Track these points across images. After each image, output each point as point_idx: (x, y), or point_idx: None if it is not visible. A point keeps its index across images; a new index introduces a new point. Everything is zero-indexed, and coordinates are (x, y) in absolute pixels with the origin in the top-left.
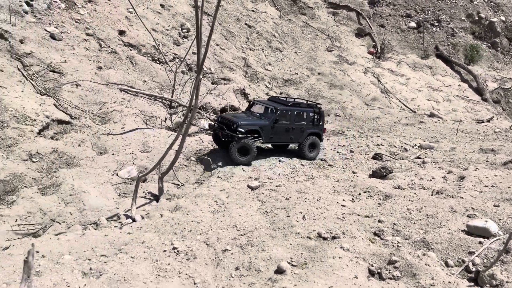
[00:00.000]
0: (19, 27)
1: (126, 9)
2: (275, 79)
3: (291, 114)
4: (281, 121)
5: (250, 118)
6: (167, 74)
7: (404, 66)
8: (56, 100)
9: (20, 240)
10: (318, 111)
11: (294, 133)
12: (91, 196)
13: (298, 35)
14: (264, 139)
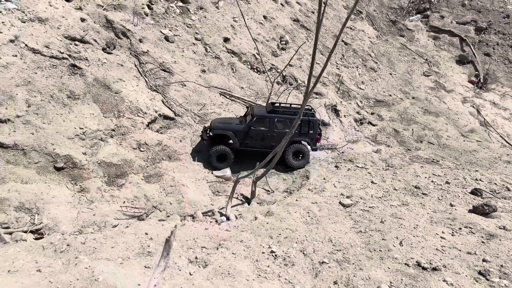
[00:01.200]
0: (139, 28)
1: (232, 18)
2: (367, 98)
3: (270, 121)
4: (257, 127)
5: (229, 124)
6: (266, 83)
7: (508, 99)
8: (164, 97)
9: (127, 220)
10: (307, 119)
11: (274, 140)
12: (189, 189)
13: (394, 56)
14: (235, 144)
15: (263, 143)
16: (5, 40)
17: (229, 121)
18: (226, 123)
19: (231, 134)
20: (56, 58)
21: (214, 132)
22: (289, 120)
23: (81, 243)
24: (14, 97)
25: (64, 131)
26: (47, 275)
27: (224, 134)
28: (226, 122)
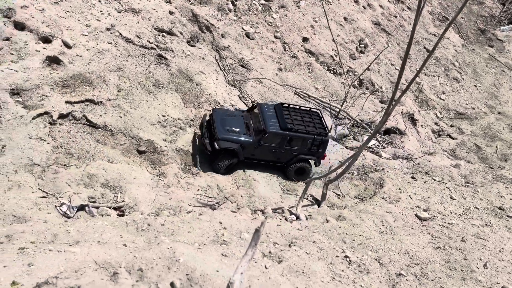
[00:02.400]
0: (222, 23)
1: (312, 18)
2: (447, 109)
3: (282, 138)
4: (268, 143)
5: (234, 130)
6: (343, 86)
7: None
8: (240, 92)
9: (200, 208)
10: (320, 139)
11: (282, 155)
12: (260, 185)
13: (480, 67)
14: (240, 156)
15: (269, 157)
16: (102, 28)
17: (232, 122)
18: (231, 129)
19: (238, 148)
20: (145, 47)
21: (220, 146)
22: (303, 139)
23: (161, 224)
24: (107, 81)
25: (148, 117)
26: (132, 250)
27: (230, 148)
28: (230, 127)
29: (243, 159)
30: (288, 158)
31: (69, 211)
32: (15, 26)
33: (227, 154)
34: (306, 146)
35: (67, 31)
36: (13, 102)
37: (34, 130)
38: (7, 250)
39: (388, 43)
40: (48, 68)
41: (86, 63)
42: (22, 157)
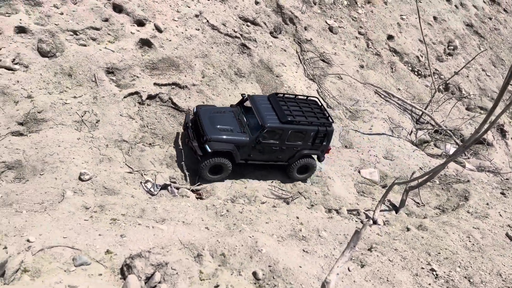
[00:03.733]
0: (306, 16)
1: (399, 15)
2: None
3: (283, 132)
4: (267, 140)
5: (227, 129)
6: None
7: None
8: (319, 87)
9: (273, 200)
10: (325, 130)
11: (283, 152)
12: (336, 184)
13: None
14: (236, 158)
15: (269, 157)
16: (191, 15)
17: (222, 120)
18: (222, 127)
19: (233, 149)
20: (230, 36)
21: (213, 148)
22: (305, 131)
23: (239, 212)
24: (192, 67)
25: (228, 105)
26: (214, 234)
27: (224, 151)
28: (221, 125)
29: (239, 162)
30: (290, 155)
31: (153, 188)
32: (114, 8)
33: (220, 157)
34: (309, 140)
35: (159, 16)
36: (108, 80)
37: (124, 108)
38: (101, 219)
39: (481, 47)
40: (140, 50)
41: (175, 48)
42: (113, 133)
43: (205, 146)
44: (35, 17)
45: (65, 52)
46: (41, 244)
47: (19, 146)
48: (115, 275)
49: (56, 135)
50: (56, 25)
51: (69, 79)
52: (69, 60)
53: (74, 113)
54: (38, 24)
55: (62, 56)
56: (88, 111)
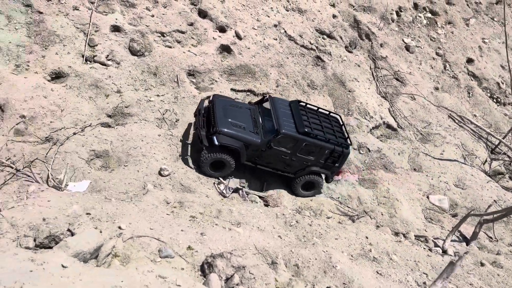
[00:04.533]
0: (383, 32)
1: (481, 38)
2: None
3: (297, 143)
4: (279, 147)
5: (239, 125)
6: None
7: None
8: (391, 105)
9: (339, 217)
10: (340, 151)
11: (292, 164)
12: (403, 207)
13: None
14: (242, 158)
15: (276, 165)
16: (270, 24)
17: (237, 115)
18: (235, 122)
19: (242, 148)
20: (305, 47)
21: (220, 142)
22: (320, 148)
23: (308, 224)
24: (268, 75)
25: None
26: (287, 243)
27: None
28: (234, 120)
29: (244, 163)
30: (298, 168)
31: (226, 191)
32: (199, 14)
33: (225, 150)
34: (322, 157)
35: (240, 23)
36: (188, 82)
37: None
38: (181, 215)
39: None
40: (220, 55)
41: (252, 56)
42: (192, 132)
43: (212, 138)
44: (129, 18)
45: (152, 52)
46: (131, 233)
47: (107, 137)
48: (196, 271)
49: (140, 130)
50: (147, 26)
51: (154, 78)
52: (155, 60)
53: (156, 111)
54: (131, 24)
55: (149, 56)
56: (169, 109)
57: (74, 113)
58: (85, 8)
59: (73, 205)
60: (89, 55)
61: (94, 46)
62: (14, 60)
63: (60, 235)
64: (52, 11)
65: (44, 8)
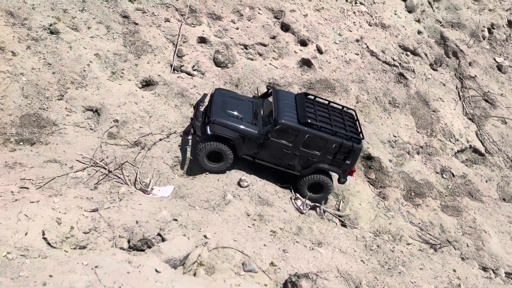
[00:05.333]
0: (472, 50)
1: None
2: None
3: (299, 135)
4: (278, 139)
5: (236, 115)
6: None
7: None
8: (478, 129)
9: (420, 244)
10: (350, 145)
11: (295, 159)
12: (492, 240)
13: None
14: (240, 152)
15: (278, 160)
16: (352, 39)
17: (236, 106)
18: (232, 113)
19: (237, 139)
20: (388, 64)
21: (213, 131)
22: (326, 141)
23: (390, 250)
24: (348, 91)
25: (380, 134)
26: (370, 269)
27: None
28: (232, 111)
29: (244, 157)
30: (303, 165)
31: (303, 207)
32: (282, 27)
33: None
34: (329, 152)
35: (321, 37)
36: None
37: None
38: (262, 229)
39: None
40: (300, 69)
41: (333, 70)
42: None
43: (206, 127)
44: (215, 30)
45: (235, 64)
46: (216, 243)
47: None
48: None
49: None
50: (231, 39)
51: (236, 89)
52: (238, 72)
53: None
54: (216, 36)
55: (232, 67)
56: None
57: (161, 119)
58: (176, 20)
59: (162, 210)
60: (176, 65)
61: (181, 56)
62: (110, 68)
63: (152, 239)
64: (146, 23)
65: (140, 20)
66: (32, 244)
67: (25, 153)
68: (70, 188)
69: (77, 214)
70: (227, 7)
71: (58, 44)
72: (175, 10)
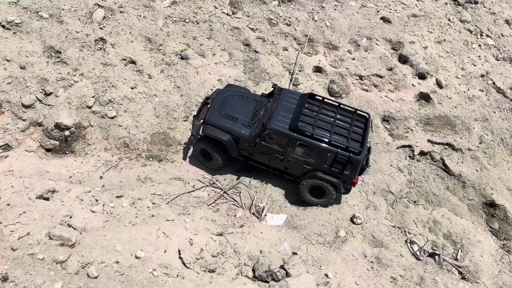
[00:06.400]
0: None
1: None
2: None
3: (289, 141)
4: (270, 144)
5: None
6: None
7: None
8: None
9: None
10: (346, 156)
11: (289, 165)
12: None
13: None
14: (233, 153)
15: (273, 162)
16: (477, 74)
17: (236, 106)
18: (229, 114)
19: (229, 140)
20: None
21: (205, 132)
22: (319, 149)
23: None
24: (470, 130)
25: (506, 180)
26: None
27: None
28: (229, 111)
29: (240, 158)
30: (299, 171)
31: (419, 253)
32: (399, 59)
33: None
34: (324, 161)
35: (442, 71)
36: (382, 128)
37: (395, 159)
38: (382, 274)
39: None
40: (417, 103)
41: (453, 106)
42: (381, 181)
43: (200, 127)
44: (331, 59)
45: (350, 95)
46: (337, 283)
47: None
48: None
49: None
50: (347, 69)
51: None
52: (352, 102)
53: None
54: (332, 66)
55: (347, 98)
56: None
57: None
58: (293, 49)
59: (282, 241)
60: None
61: (297, 85)
62: None
63: (277, 272)
64: (266, 51)
65: (260, 48)
66: (171, 262)
67: (154, 169)
68: (196, 208)
69: (206, 236)
70: (344, 37)
71: (187, 69)
72: (293, 39)
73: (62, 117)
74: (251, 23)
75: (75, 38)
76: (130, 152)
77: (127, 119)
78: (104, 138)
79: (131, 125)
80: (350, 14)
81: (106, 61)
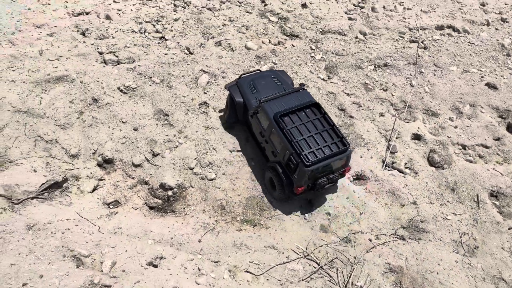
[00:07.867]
0: None
1: None
2: None
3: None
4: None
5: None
6: None
7: None
8: None
9: None
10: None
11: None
12: None
13: None
14: (239, 113)
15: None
16: None
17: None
18: (254, 85)
19: (239, 103)
20: None
21: (228, 88)
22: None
23: None
24: None
25: None
26: None
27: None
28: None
29: (242, 121)
30: (270, 156)
31: None
32: (507, 128)
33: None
34: (283, 157)
35: None
36: (490, 204)
37: (507, 241)
38: None
39: None
40: None
41: None
42: (492, 267)
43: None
44: (430, 127)
45: (452, 166)
46: None
47: (402, 251)
48: None
49: (436, 251)
50: (448, 138)
51: (451, 194)
52: (455, 174)
53: (453, 231)
54: (432, 134)
55: (449, 169)
56: (467, 233)
57: (371, 218)
58: (390, 115)
59: None
60: (389, 161)
61: (394, 152)
62: None
63: None
64: (361, 116)
65: (355, 113)
66: None
67: (249, 235)
68: (292, 283)
69: None
70: (444, 103)
71: None
72: (390, 104)
73: (167, 178)
74: (346, 88)
75: (182, 102)
76: (226, 215)
77: (224, 182)
78: (203, 200)
79: (228, 188)
80: (451, 79)
81: (208, 124)
